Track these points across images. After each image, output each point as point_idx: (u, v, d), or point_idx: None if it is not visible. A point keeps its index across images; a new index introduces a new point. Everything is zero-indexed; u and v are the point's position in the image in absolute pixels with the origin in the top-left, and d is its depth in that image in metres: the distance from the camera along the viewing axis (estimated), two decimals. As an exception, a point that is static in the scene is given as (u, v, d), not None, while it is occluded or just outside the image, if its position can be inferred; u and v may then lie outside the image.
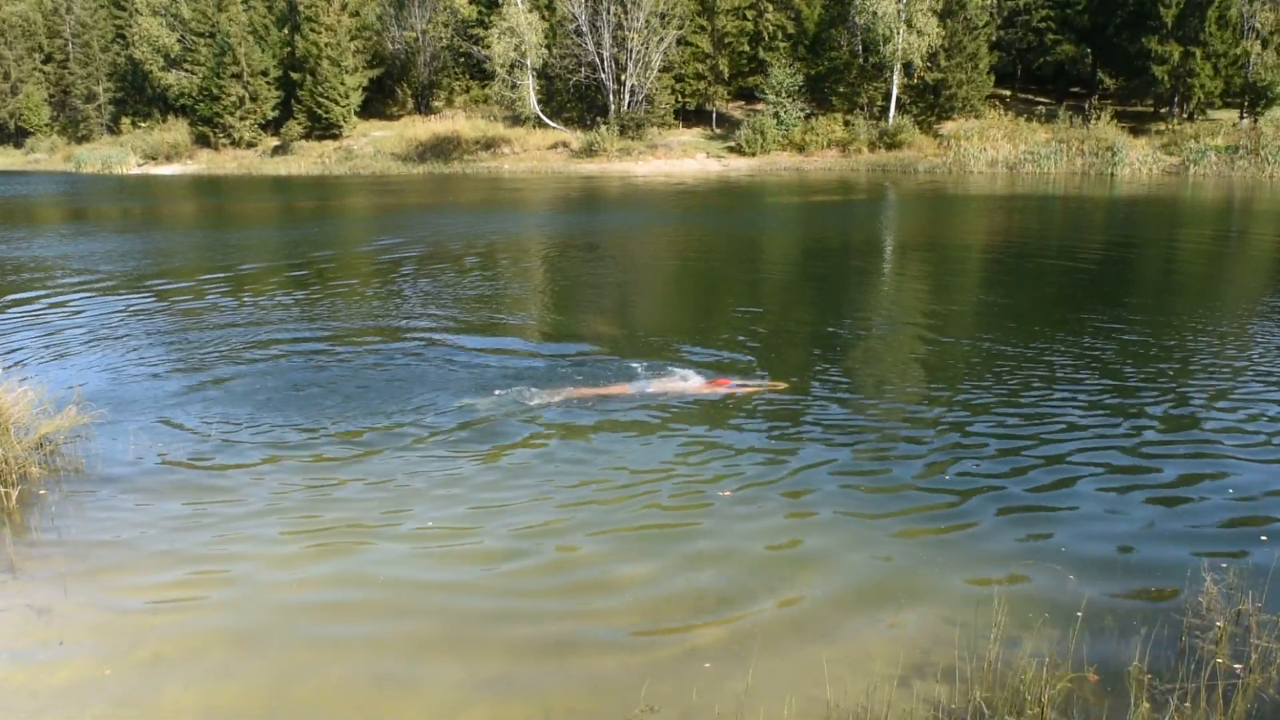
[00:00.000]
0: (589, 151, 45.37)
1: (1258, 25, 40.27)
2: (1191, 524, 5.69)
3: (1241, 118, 41.37)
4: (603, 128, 45.49)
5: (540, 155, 46.75)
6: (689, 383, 8.38)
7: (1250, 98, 41.18)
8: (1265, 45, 40.30)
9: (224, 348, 10.34)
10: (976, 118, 43.70)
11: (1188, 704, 3.94)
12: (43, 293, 14.17)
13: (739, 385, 8.36)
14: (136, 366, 9.69)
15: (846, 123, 44.17)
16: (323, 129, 51.82)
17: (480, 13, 52.57)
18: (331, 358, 9.85)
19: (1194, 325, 11.04)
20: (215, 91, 52.50)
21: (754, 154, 43.91)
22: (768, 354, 9.64)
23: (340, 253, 19.51)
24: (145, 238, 22.25)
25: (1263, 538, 5.47)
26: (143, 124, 59.92)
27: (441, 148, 48.05)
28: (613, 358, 9.58)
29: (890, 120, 43.52)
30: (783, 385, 8.39)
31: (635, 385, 8.41)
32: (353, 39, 52.44)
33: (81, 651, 4.57)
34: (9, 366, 8.73)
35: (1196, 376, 8.65)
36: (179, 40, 57.63)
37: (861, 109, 44.91)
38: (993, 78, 44.44)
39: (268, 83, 53.13)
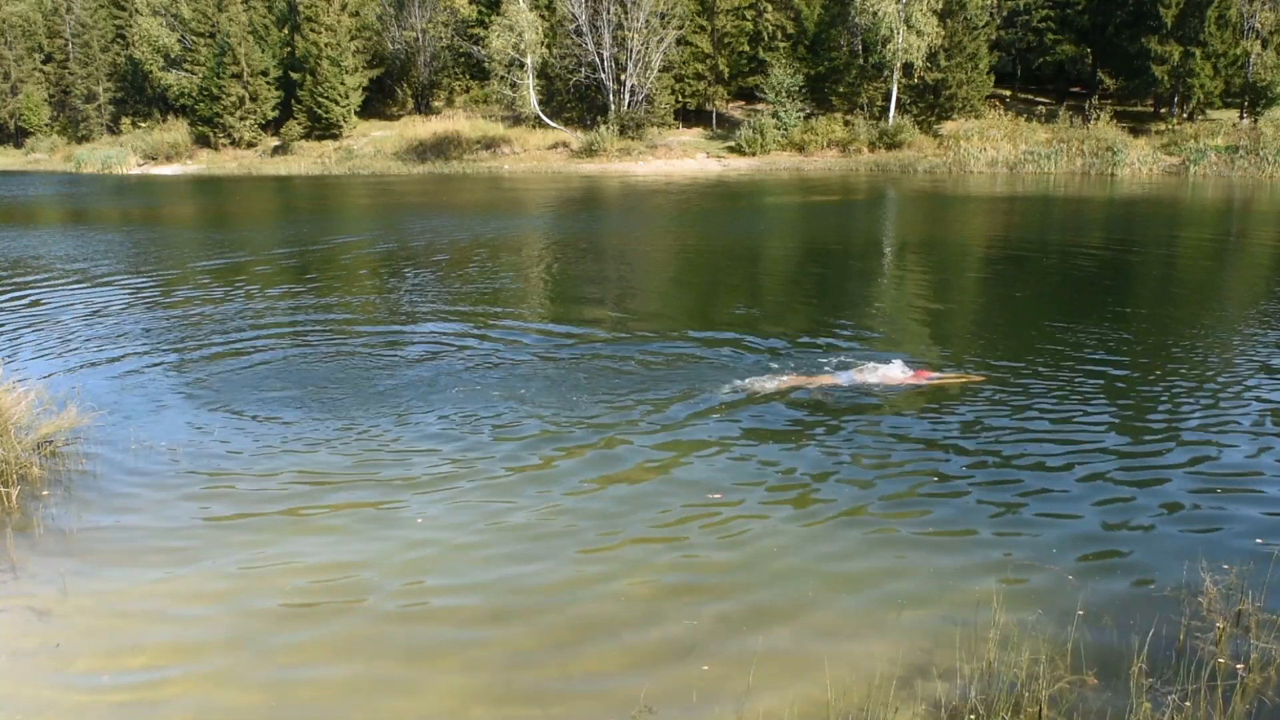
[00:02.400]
0: (589, 151, 45.33)
1: (1258, 25, 40.21)
2: (1191, 524, 5.69)
3: (1241, 118, 41.32)
4: (603, 128, 45.45)
5: (540, 155, 46.71)
6: (895, 373, 8.55)
7: (1250, 98, 41.11)
8: (1265, 45, 40.24)
9: (226, 347, 10.34)
10: (976, 118, 43.64)
11: (1188, 704, 3.94)
12: (43, 292, 14.17)
13: (937, 376, 8.59)
14: (137, 366, 9.69)
15: (846, 123, 44.12)
16: (323, 129, 51.78)
17: (480, 12, 52.53)
18: (338, 356, 9.84)
19: (1195, 326, 11.04)
20: (215, 91, 52.45)
21: (754, 154, 43.86)
22: (747, 356, 9.64)
23: (344, 252, 19.50)
24: (145, 237, 22.25)
25: (1258, 540, 5.47)
26: (143, 124, 59.87)
27: (441, 147, 48.01)
28: (815, 349, 9.79)
29: (890, 120, 43.47)
30: (979, 377, 8.60)
31: (843, 376, 8.57)
32: (353, 39, 52.38)
33: (80, 653, 4.57)
34: (9, 365, 8.73)
35: (1196, 378, 8.65)
36: (179, 40, 57.58)
37: (861, 109, 44.87)
38: (993, 78, 44.37)
39: (268, 83, 53.08)
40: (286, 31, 54.03)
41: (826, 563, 5.31)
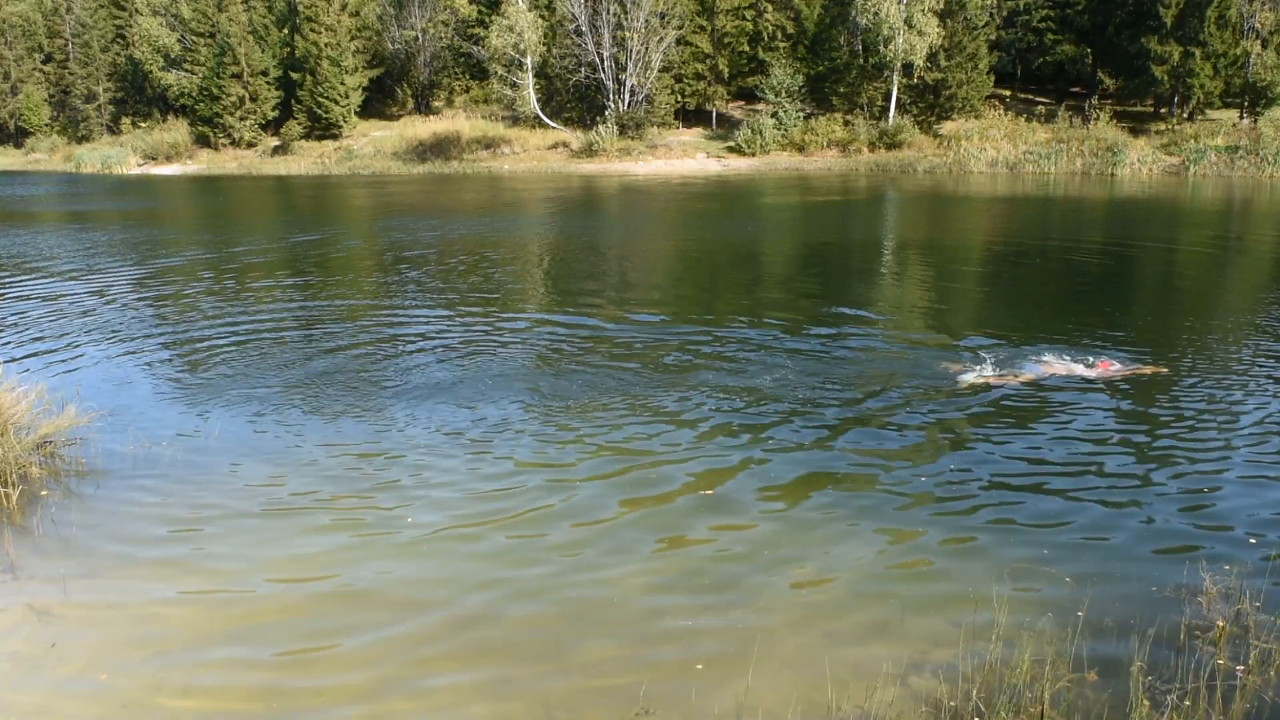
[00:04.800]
0: (589, 151, 45.34)
1: (1258, 25, 40.22)
2: (1191, 525, 5.69)
3: (1241, 118, 41.33)
4: (602, 128, 45.45)
5: (540, 155, 46.73)
6: (1079, 367, 8.74)
7: (1250, 98, 41.11)
8: (1265, 45, 40.25)
9: (225, 346, 10.34)
10: (976, 118, 43.66)
11: (1187, 704, 3.94)
12: (42, 292, 14.17)
13: (1119, 369, 8.74)
14: (137, 365, 9.70)
15: (846, 123, 44.13)
16: (323, 129, 51.80)
17: (480, 12, 52.56)
18: (339, 355, 9.84)
19: (1194, 327, 11.05)
20: (215, 91, 52.47)
21: (754, 154, 43.87)
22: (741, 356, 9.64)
23: (344, 251, 19.51)
24: (145, 236, 22.24)
25: (1254, 540, 5.47)
26: (143, 124, 59.91)
27: (441, 147, 48.03)
28: (1002, 345, 9.85)
29: (890, 120, 43.49)
30: (1156, 369, 8.76)
31: (1033, 369, 8.70)
32: (353, 39, 52.40)
33: (79, 653, 4.57)
34: (9, 365, 8.73)
35: (1196, 377, 8.65)
36: (179, 40, 57.61)
37: (861, 109, 44.88)
38: (993, 78, 44.38)
39: (268, 83, 53.10)
40: (286, 31, 54.05)
41: (827, 562, 5.31)
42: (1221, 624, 4.47)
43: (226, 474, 6.68)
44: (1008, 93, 47.68)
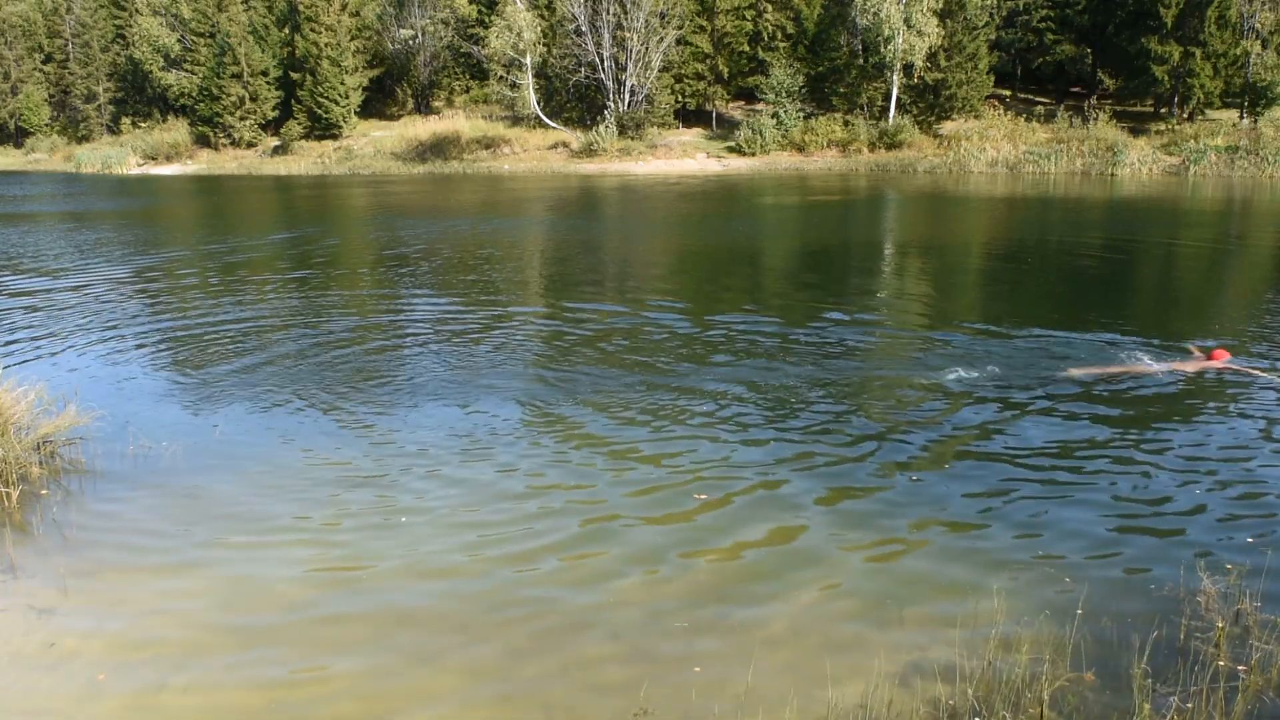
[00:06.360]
0: (589, 151, 45.32)
1: (1258, 25, 40.20)
2: (1190, 525, 5.69)
3: (1241, 118, 41.31)
4: (602, 128, 45.43)
5: (540, 155, 46.71)
6: (1191, 363, 8.89)
7: (1250, 98, 41.09)
8: (1265, 45, 40.24)
9: (225, 346, 10.34)
10: (976, 118, 43.64)
11: (1189, 704, 3.94)
12: (42, 292, 14.17)
13: (1233, 364, 8.85)
14: (136, 365, 9.70)
15: (846, 123, 44.10)
16: (323, 129, 51.79)
17: (480, 12, 52.55)
18: (339, 355, 9.83)
19: (1194, 328, 11.04)
20: (215, 91, 52.46)
21: (754, 154, 43.84)
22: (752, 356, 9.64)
23: (343, 251, 19.50)
24: (144, 236, 22.23)
25: (1250, 540, 5.46)
26: (143, 124, 59.89)
27: (441, 147, 48.01)
28: (1111, 339, 9.94)
29: (890, 120, 43.47)
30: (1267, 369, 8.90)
31: (1159, 364, 8.86)
32: (353, 39, 52.39)
33: (78, 652, 4.57)
34: (9, 366, 8.73)
35: (1198, 379, 8.65)
36: (179, 40, 57.62)
37: (861, 109, 44.86)
38: (992, 78, 44.36)
39: (268, 83, 53.09)
40: (286, 31, 54.04)
41: (827, 563, 5.31)
42: (1221, 624, 4.47)
43: (226, 474, 6.68)
44: (1008, 93, 47.68)
